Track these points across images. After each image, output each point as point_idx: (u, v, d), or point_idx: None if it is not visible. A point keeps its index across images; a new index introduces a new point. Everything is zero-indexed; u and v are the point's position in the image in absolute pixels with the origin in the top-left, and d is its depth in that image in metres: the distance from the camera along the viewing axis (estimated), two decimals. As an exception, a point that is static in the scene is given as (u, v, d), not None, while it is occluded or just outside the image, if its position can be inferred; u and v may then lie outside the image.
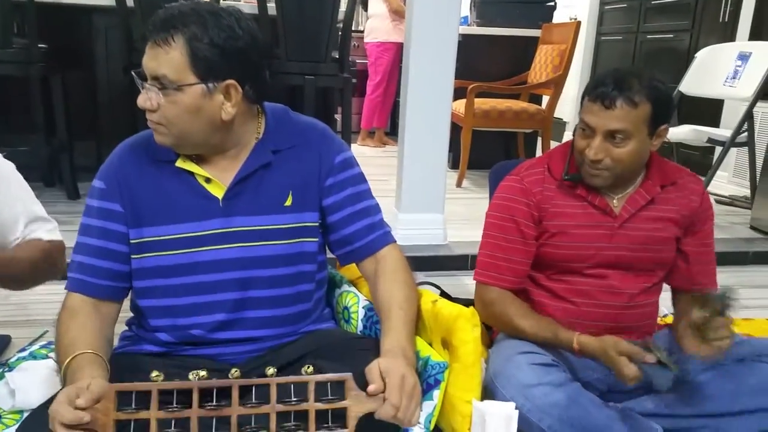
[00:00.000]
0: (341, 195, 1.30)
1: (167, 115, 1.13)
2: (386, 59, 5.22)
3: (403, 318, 1.18)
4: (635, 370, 1.18)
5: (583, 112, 1.35)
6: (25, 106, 3.21)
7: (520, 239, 1.44)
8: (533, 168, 1.48)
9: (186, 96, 1.12)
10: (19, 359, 1.50)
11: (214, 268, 1.22)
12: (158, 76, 1.10)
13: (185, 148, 1.20)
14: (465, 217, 3.24)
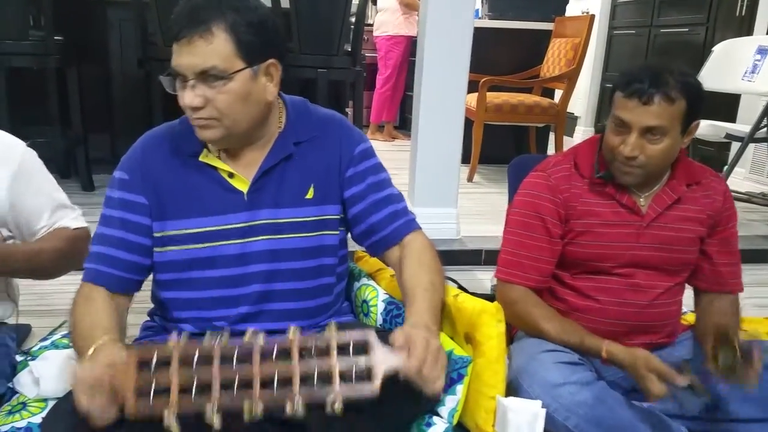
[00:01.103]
0: (362, 185, 1.30)
1: (220, 107, 1.12)
2: (396, 53, 5.20)
3: (427, 300, 1.16)
4: (662, 389, 1.16)
5: (617, 108, 1.33)
6: (41, 99, 3.22)
7: (546, 237, 1.42)
8: (559, 164, 1.46)
9: (236, 83, 1.11)
10: (41, 348, 1.51)
11: (239, 261, 1.23)
12: (206, 70, 1.09)
13: (230, 139, 1.18)
14: (477, 212, 3.23)
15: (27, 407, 1.31)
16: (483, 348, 1.19)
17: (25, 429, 1.25)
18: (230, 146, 1.22)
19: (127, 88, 3.63)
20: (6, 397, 1.36)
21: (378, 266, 1.57)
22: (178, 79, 1.13)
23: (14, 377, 1.41)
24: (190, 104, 1.10)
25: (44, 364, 1.39)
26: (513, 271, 1.43)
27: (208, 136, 1.16)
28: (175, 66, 1.11)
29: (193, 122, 1.15)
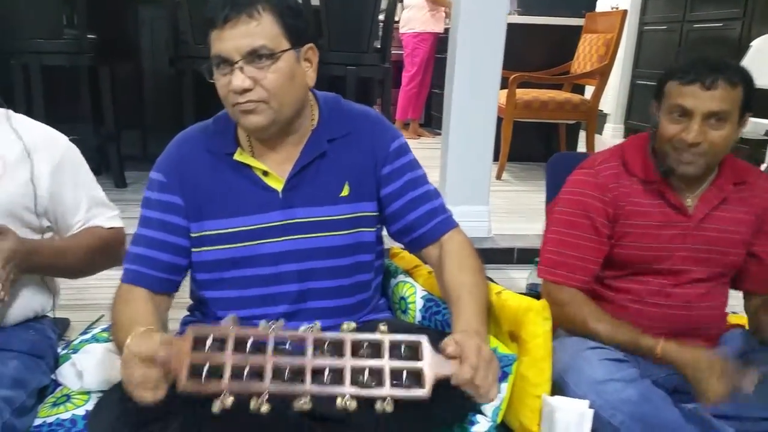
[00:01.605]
0: (400, 182, 1.29)
1: (269, 86, 1.11)
2: (423, 50, 5.18)
3: (473, 302, 1.14)
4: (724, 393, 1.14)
5: (675, 97, 1.30)
6: (74, 96, 3.27)
7: (594, 237, 1.39)
8: (607, 162, 1.43)
9: (283, 63, 1.12)
10: (82, 342, 1.52)
11: (274, 260, 1.22)
12: (255, 49, 1.09)
13: (274, 127, 1.17)
14: (506, 210, 3.20)
15: (71, 399, 1.33)
16: (528, 346, 1.17)
17: (69, 420, 1.26)
18: (270, 137, 1.21)
19: (158, 86, 3.67)
20: (49, 389, 1.38)
21: (415, 263, 1.56)
22: (220, 67, 1.12)
23: (56, 369, 1.42)
24: (240, 86, 1.10)
25: (86, 357, 1.40)
26: (559, 271, 1.41)
27: (255, 121, 1.14)
28: (219, 51, 1.11)
29: (240, 108, 1.13)
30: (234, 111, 1.15)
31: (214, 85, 1.15)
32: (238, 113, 1.14)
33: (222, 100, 1.16)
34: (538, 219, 3.05)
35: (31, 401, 1.27)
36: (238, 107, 1.13)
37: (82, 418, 1.27)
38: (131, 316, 1.14)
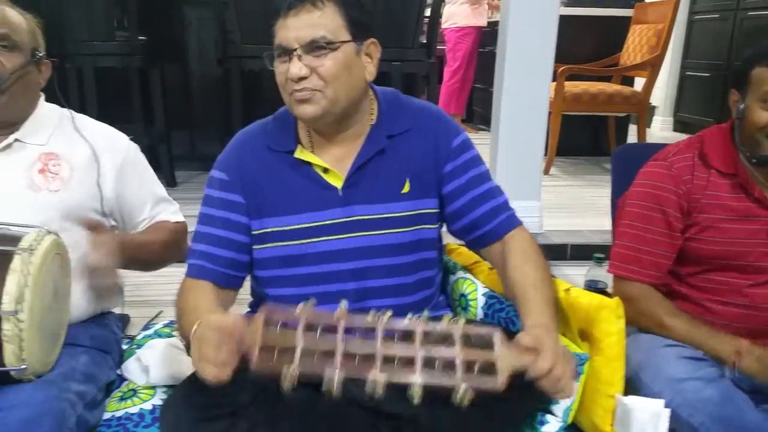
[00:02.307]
0: (463, 179, 1.26)
1: (324, 74, 1.12)
2: (465, 45, 5.12)
3: (540, 298, 1.11)
4: None
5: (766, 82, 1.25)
6: (125, 98, 3.33)
7: (666, 231, 1.35)
8: (682, 153, 1.38)
9: (341, 53, 1.12)
10: (145, 337, 1.55)
11: (334, 257, 1.22)
12: (315, 39, 1.10)
13: (328, 118, 1.17)
14: (558, 206, 3.15)
15: (137, 394, 1.34)
16: (601, 345, 1.14)
17: (138, 415, 1.27)
18: (327, 130, 1.21)
19: (206, 86, 3.72)
20: (115, 384, 1.40)
21: (474, 259, 1.53)
22: (280, 55, 1.13)
23: (122, 364, 1.45)
24: (297, 74, 1.10)
25: (151, 352, 1.42)
26: (630, 266, 1.37)
27: (309, 111, 1.14)
28: (281, 41, 1.12)
29: (295, 97, 1.14)
30: (290, 100, 1.16)
31: (261, 84, 1.17)
32: (293, 103, 1.15)
33: (280, 90, 1.17)
34: (590, 214, 3.03)
35: (101, 395, 1.29)
36: (294, 96, 1.14)
37: (149, 413, 1.28)
38: (195, 305, 1.15)
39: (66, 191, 1.31)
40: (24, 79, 1.32)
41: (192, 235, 1.29)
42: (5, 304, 1.04)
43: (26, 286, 1.06)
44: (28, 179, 1.30)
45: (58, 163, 1.34)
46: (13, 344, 1.05)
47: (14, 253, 1.07)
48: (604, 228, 2.72)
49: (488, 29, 5.29)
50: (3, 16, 1.29)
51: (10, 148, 1.32)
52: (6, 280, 1.05)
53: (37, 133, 1.35)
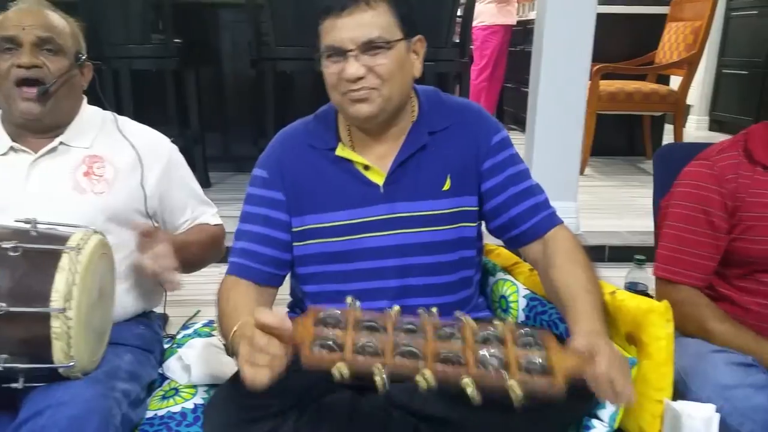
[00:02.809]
0: (502, 176, 1.25)
1: (381, 72, 1.12)
2: (493, 43, 5.08)
3: (591, 302, 1.09)
4: None
5: None
6: (160, 100, 3.37)
7: (710, 232, 1.32)
8: (726, 152, 1.35)
9: (396, 52, 1.13)
10: (185, 336, 1.56)
11: (375, 254, 1.22)
12: (372, 40, 1.11)
13: (383, 114, 1.17)
14: (594, 206, 3.10)
15: (179, 393, 1.36)
16: (650, 349, 1.11)
17: (180, 414, 1.28)
18: (375, 128, 1.21)
19: (239, 88, 3.75)
20: (157, 382, 1.42)
21: (513, 260, 1.52)
22: (332, 56, 1.13)
23: (163, 363, 1.46)
24: (354, 74, 1.11)
25: (192, 351, 1.43)
26: (674, 268, 1.34)
27: (366, 110, 1.15)
28: (333, 40, 1.12)
29: (351, 96, 1.14)
30: (343, 100, 1.15)
31: (294, 85, 1.17)
32: (347, 102, 1.15)
33: (329, 89, 1.17)
34: (627, 215, 2.98)
35: (143, 394, 1.31)
36: (349, 96, 1.14)
37: (191, 412, 1.29)
38: (236, 305, 1.16)
39: (110, 193, 1.33)
40: (68, 82, 1.34)
41: (234, 233, 1.29)
42: (54, 302, 1.06)
43: (74, 284, 1.07)
44: (74, 182, 1.32)
45: (103, 165, 1.36)
46: (61, 341, 1.07)
47: (62, 252, 1.09)
48: (642, 229, 2.68)
49: (519, 28, 5.24)
50: (47, 20, 1.31)
51: (55, 151, 1.35)
52: (55, 278, 1.07)
53: (82, 136, 1.37)
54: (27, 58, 1.27)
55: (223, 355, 1.46)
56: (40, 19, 1.30)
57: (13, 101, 1.29)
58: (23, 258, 1.08)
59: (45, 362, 1.08)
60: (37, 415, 1.05)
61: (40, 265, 1.08)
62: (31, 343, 1.07)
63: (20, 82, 1.28)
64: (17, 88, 1.28)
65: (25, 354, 1.08)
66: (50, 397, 1.08)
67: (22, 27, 1.28)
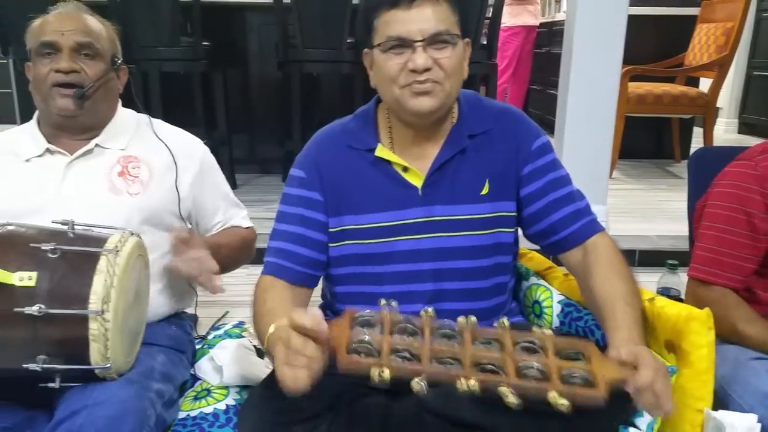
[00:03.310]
0: (542, 181, 1.24)
1: (447, 67, 1.13)
2: (514, 44, 5.05)
3: (631, 314, 1.07)
4: None
5: None
6: (188, 102, 3.40)
7: (750, 233, 1.30)
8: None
9: (458, 48, 1.15)
10: (215, 337, 1.57)
11: (411, 257, 1.21)
12: (440, 32, 1.12)
13: (440, 110, 1.18)
14: (623, 210, 3.06)
15: (211, 393, 1.36)
16: (690, 358, 1.09)
17: (212, 415, 1.29)
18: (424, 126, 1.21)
19: (265, 90, 3.77)
20: (188, 383, 1.42)
21: (546, 265, 1.50)
22: (394, 48, 1.13)
23: (195, 364, 1.47)
24: (423, 64, 1.11)
25: (224, 352, 1.43)
26: (710, 269, 1.32)
27: (427, 104, 1.14)
28: (399, 32, 1.12)
29: (414, 89, 1.13)
30: (402, 93, 1.14)
31: (320, 87, 1.17)
32: (407, 95, 1.14)
33: (385, 83, 1.16)
34: (657, 219, 2.94)
35: (176, 394, 1.31)
36: (412, 88, 1.13)
37: (223, 413, 1.30)
38: (272, 307, 1.15)
39: (145, 194, 1.34)
40: (105, 85, 1.36)
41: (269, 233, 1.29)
42: (92, 304, 1.07)
43: (112, 287, 1.08)
44: (109, 183, 1.34)
45: (138, 165, 1.37)
46: (99, 343, 1.08)
47: (100, 254, 1.10)
48: (672, 233, 2.64)
49: (544, 29, 5.21)
50: (85, 25, 1.33)
51: (90, 153, 1.36)
52: (93, 280, 1.08)
53: (117, 138, 1.39)
54: (66, 63, 1.29)
55: (254, 357, 1.47)
56: (78, 23, 1.32)
57: (52, 99, 1.31)
58: (62, 260, 1.09)
59: (82, 363, 1.09)
60: (74, 415, 1.06)
61: (79, 267, 1.09)
62: (69, 344, 1.08)
63: (58, 85, 1.30)
64: (55, 87, 1.30)
65: (62, 355, 1.09)
66: (86, 397, 1.09)
67: (61, 32, 1.30)
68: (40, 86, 1.32)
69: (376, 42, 1.15)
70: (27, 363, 1.07)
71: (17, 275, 1.07)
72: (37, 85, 1.32)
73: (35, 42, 1.31)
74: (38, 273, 1.07)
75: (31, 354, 1.08)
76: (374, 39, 1.15)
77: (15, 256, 1.09)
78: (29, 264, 1.08)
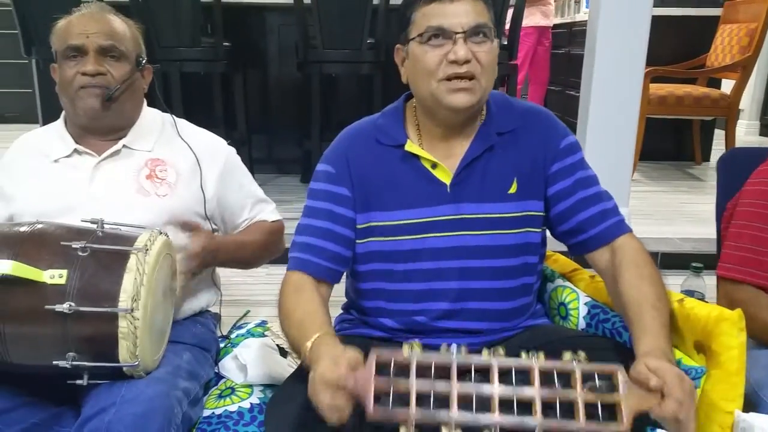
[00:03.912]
0: (570, 180, 1.23)
1: (484, 62, 1.13)
2: (527, 45, 5.02)
3: (658, 319, 1.07)
4: None
5: None
6: (208, 102, 3.42)
7: None
8: None
9: (494, 45, 1.16)
10: (238, 336, 1.57)
11: (438, 255, 1.20)
12: (480, 25, 1.12)
13: (476, 107, 1.18)
14: (645, 212, 3.04)
15: (235, 392, 1.36)
16: (721, 359, 1.08)
17: (237, 413, 1.29)
18: (457, 124, 1.21)
19: (284, 91, 3.79)
20: (212, 381, 1.43)
21: (572, 266, 1.49)
22: (432, 40, 1.13)
23: (219, 362, 1.47)
24: (464, 56, 1.11)
25: (248, 351, 1.44)
26: (741, 268, 1.30)
27: (465, 100, 1.14)
28: (440, 23, 1.12)
29: (454, 85, 1.13)
30: (439, 87, 1.14)
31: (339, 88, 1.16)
32: (444, 91, 1.14)
33: (422, 77, 1.15)
34: (678, 221, 2.92)
35: (201, 392, 1.32)
36: (452, 84, 1.13)
37: (247, 411, 1.30)
38: (304, 312, 1.15)
39: (173, 196, 1.35)
40: (131, 86, 1.37)
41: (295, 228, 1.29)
42: (122, 302, 1.07)
43: (141, 285, 1.09)
44: (137, 185, 1.35)
45: (165, 168, 1.38)
46: (128, 341, 1.08)
47: (130, 253, 1.11)
48: (695, 236, 2.62)
49: (563, 30, 5.18)
50: (110, 27, 1.34)
51: (118, 154, 1.38)
52: (123, 278, 1.09)
53: (143, 139, 1.40)
54: (92, 66, 1.30)
55: (278, 356, 1.47)
56: (103, 25, 1.33)
57: (79, 100, 1.32)
58: (92, 258, 1.10)
59: (110, 361, 1.10)
60: (102, 412, 1.07)
61: (109, 265, 1.10)
62: (98, 342, 1.09)
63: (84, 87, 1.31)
64: (81, 89, 1.32)
65: (91, 352, 1.10)
66: (114, 394, 1.10)
67: (86, 35, 1.31)
68: (66, 88, 1.33)
69: (413, 34, 1.15)
70: (57, 360, 1.09)
71: (48, 273, 1.08)
72: (64, 87, 1.34)
73: (61, 45, 1.33)
74: (68, 271, 1.08)
75: (61, 351, 1.09)
76: (411, 32, 1.15)
77: (45, 255, 1.10)
78: (59, 262, 1.09)
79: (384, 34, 3.24)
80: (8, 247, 1.11)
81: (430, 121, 1.22)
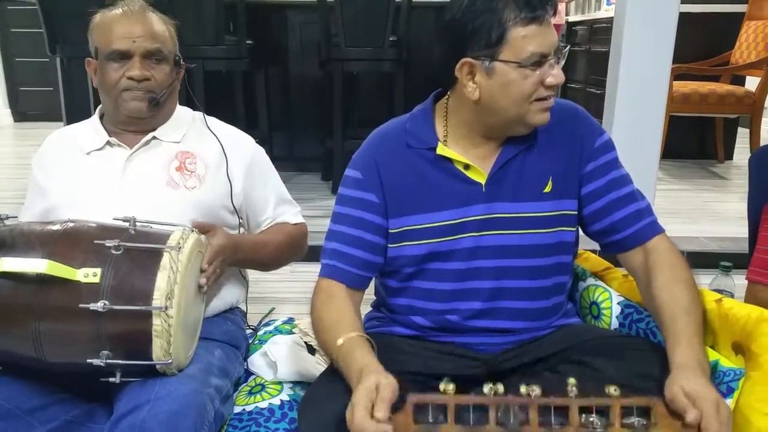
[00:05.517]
0: (604, 180, 1.22)
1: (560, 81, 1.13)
2: None
3: (692, 325, 1.06)
4: None
5: None
6: (229, 100, 3.43)
7: None
8: None
9: None
10: (266, 333, 1.58)
11: (472, 255, 1.20)
12: (560, 46, 1.12)
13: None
14: (670, 211, 3.00)
15: (265, 389, 1.37)
16: (760, 360, 1.06)
17: (268, 410, 1.30)
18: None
19: (305, 89, 3.78)
20: (242, 378, 1.44)
21: (603, 265, 1.48)
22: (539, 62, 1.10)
23: (248, 359, 1.48)
24: (562, 80, 1.12)
25: (278, 348, 1.45)
26: None
27: (548, 117, 1.15)
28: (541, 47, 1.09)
29: (544, 105, 1.13)
30: (530, 110, 1.13)
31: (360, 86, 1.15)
32: (536, 111, 1.14)
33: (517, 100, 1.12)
34: (703, 220, 2.88)
35: (232, 389, 1.33)
36: (541, 104, 1.13)
37: (278, 408, 1.31)
38: (336, 317, 1.16)
39: (202, 189, 1.36)
40: (171, 86, 1.38)
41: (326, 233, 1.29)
42: (156, 300, 1.08)
43: (175, 283, 1.10)
44: (167, 177, 1.36)
45: (194, 161, 1.39)
46: (161, 339, 1.09)
47: (163, 251, 1.11)
48: (720, 235, 2.58)
49: (585, 27, 5.13)
50: (153, 30, 1.34)
51: (148, 145, 1.39)
52: (157, 276, 1.09)
53: (173, 132, 1.41)
54: (138, 71, 1.32)
55: (306, 353, 1.47)
56: (147, 28, 1.34)
57: (124, 102, 1.34)
58: (125, 256, 1.11)
59: (144, 358, 1.11)
60: (137, 409, 1.07)
61: (142, 263, 1.11)
62: (132, 340, 1.10)
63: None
64: (126, 92, 1.33)
65: (125, 350, 1.11)
66: (148, 392, 1.10)
67: (132, 40, 1.32)
68: (110, 90, 1.34)
69: (508, 56, 1.09)
70: (91, 358, 1.10)
71: (82, 272, 1.09)
72: (107, 88, 1.35)
73: (105, 46, 1.33)
74: (102, 269, 1.09)
75: (95, 349, 1.10)
76: (503, 52, 1.09)
77: (79, 253, 1.11)
78: (93, 261, 1.10)
79: (406, 32, 3.22)
80: (42, 246, 1.12)
81: (464, 125, 1.21)
